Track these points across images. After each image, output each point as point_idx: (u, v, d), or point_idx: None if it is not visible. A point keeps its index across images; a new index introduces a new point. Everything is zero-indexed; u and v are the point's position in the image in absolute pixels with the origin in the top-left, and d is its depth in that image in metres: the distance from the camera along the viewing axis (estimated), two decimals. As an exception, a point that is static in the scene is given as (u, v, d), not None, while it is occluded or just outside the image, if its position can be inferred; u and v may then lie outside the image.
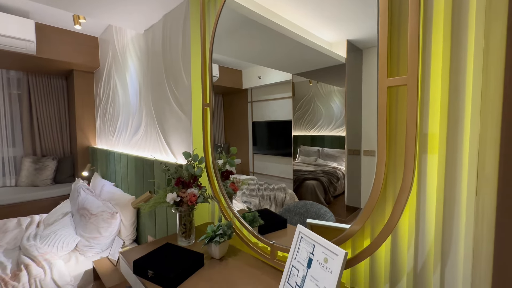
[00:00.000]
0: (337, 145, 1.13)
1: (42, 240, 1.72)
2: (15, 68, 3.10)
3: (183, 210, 1.17)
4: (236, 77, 1.63)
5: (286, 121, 1.37)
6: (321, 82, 1.18)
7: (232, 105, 1.73)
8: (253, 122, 1.62)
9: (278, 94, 1.43)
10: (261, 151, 1.61)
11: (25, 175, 3.16)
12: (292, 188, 1.36)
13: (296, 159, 1.34)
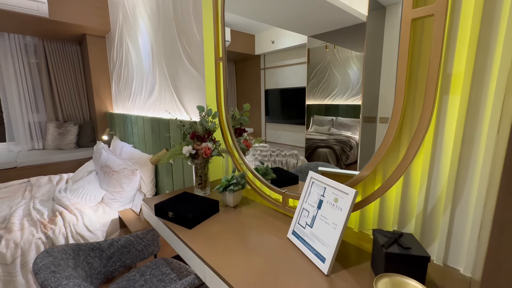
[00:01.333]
0: (352, 114, 1.10)
1: (72, 193, 1.89)
2: (30, 33, 3.12)
3: (199, 162, 1.23)
4: (248, 42, 1.56)
5: (299, 88, 1.33)
6: (338, 46, 1.11)
7: (245, 73, 1.68)
8: (265, 90, 1.59)
9: (292, 59, 1.37)
10: (274, 120, 1.60)
11: (51, 139, 3.36)
12: (304, 156, 1.37)
13: (309, 129, 1.33)
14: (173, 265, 1.16)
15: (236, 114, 1.34)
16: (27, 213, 1.69)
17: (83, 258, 0.92)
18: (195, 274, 0.84)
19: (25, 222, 1.57)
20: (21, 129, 3.30)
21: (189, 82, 1.56)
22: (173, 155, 1.21)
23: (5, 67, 3.15)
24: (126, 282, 1.05)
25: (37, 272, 0.69)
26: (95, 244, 1.00)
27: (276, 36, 1.44)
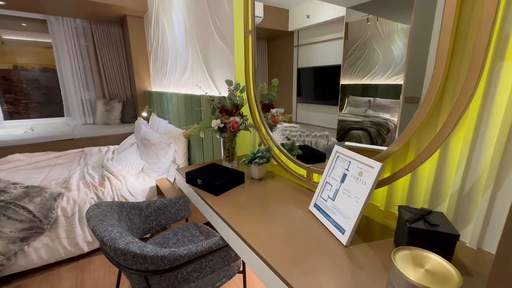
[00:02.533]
0: (392, 95, 1.00)
1: (117, 162, 2.11)
2: (79, 15, 3.39)
3: (227, 136, 1.27)
4: (281, 18, 1.49)
5: (334, 66, 1.25)
6: (382, 18, 1.00)
7: (276, 51, 1.63)
8: (298, 69, 1.53)
9: (328, 35, 1.28)
10: (306, 100, 1.54)
11: (99, 115, 3.73)
12: (336, 137, 1.32)
13: (342, 110, 1.26)
14: (202, 229, 1.27)
15: (264, 89, 1.34)
16: (82, 176, 1.95)
17: (126, 214, 1.05)
18: (220, 236, 0.91)
19: (80, 184, 1.81)
20: (75, 106, 3.71)
21: (219, 58, 1.58)
22: (203, 128, 1.27)
23: (61, 50, 3.50)
24: (161, 239, 1.17)
25: (89, 219, 0.81)
26: (135, 203, 1.13)
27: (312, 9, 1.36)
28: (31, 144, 2.91)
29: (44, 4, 2.89)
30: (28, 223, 1.45)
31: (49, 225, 1.51)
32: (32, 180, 1.90)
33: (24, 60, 3.55)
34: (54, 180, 1.89)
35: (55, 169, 2.15)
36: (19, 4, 2.91)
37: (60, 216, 1.56)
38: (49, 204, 1.53)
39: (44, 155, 2.50)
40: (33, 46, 3.57)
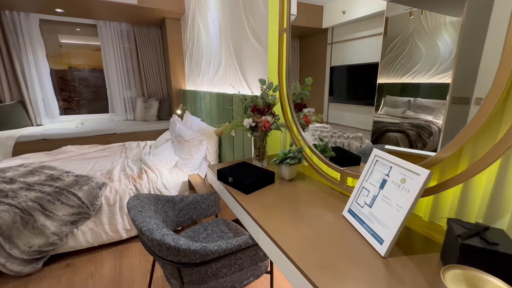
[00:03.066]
0: (436, 94, 0.91)
1: (153, 156, 2.25)
2: (124, 20, 3.66)
3: (258, 135, 1.27)
4: (315, 15, 1.44)
5: (370, 64, 1.17)
6: (428, 11, 0.91)
7: (309, 49, 1.58)
8: (331, 67, 1.47)
9: (365, 31, 1.20)
10: (338, 100, 1.47)
11: (139, 112, 4.01)
12: (370, 140, 1.24)
13: (378, 111, 1.18)
14: (231, 226, 1.29)
15: (297, 89, 1.31)
16: (123, 168, 2.11)
17: (161, 207, 1.10)
18: (249, 235, 0.91)
19: (121, 175, 1.96)
20: (118, 103, 4.03)
21: (252, 57, 1.59)
22: (234, 126, 1.28)
23: (108, 51, 3.83)
24: (192, 233, 1.22)
25: (129, 209, 0.87)
26: (170, 197, 1.18)
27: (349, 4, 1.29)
28: (80, 137, 3.23)
29: (95, 10, 3.18)
30: (77, 208, 1.61)
31: (94, 211, 1.66)
32: (81, 169, 2.11)
33: (77, 62, 3.94)
34: (99, 171, 2.07)
35: (100, 161, 2.36)
36: (74, 12, 3.25)
37: (104, 204, 1.71)
38: (95, 192, 1.68)
39: (91, 148, 2.76)
40: (85, 48, 3.95)
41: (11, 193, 1.60)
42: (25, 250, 1.47)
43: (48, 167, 2.03)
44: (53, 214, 1.55)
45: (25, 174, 1.89)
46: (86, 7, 3.01)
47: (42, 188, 1.67)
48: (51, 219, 1.55)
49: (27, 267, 1.49)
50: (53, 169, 1.99)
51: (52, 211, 1.55)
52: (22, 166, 2.06)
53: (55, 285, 1.48)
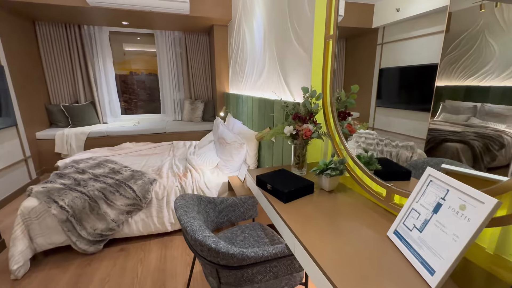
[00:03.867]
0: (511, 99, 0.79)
1: (197, 157, 2.40)
2: (177, 29, 3.99)
3: (298, 143, 1.26)
4: (365, 14, 1.36)
5: (427, 65, 1.06)
6: (505, 3, 0.79)
7: (356, 51, 1.50)
8: (380, 69, 1.37)
9: (422, 29, 1.09)
10: (387, 104, 1.37)
11: (186, 113, 4.31)
12: (424, 149, 1.12)
13: (435, 117, 1.06)
14: (267, 231, 1.30)
15: (342, 96, 1.26)
16: (170, 166, 2.30)
17: (203, 207, 1.18)
18: (285, 244, 0.92)
19: (169, 173, 2.15)
20: (169, 104, 4.39)
21: (295, 63, 1.58)
22: (275, 133, 1.30)
23: (162, 57, 4.21)
24: (230, 234, 1.27)
25: (176, 208, 0.95)
26: (211, 198, 1.25)
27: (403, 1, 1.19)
28: (136, 135, 3.62)
29: (154, 22, 3.54)
30: (132, 200, 1.81)
31: (145, 204, 1.85)
32: (136, 165, 2.36)
33: (136, 67, 4.43)
34: (150, 167, 2.30)
35: (152, 158, 2.61)
36: (137, 23, 3.66)
37: (153, 198, 1.89)
38: (146, 187, 1.87)
39: (145, 145, 3.07)
40: (143, 55, 4.41)
41: (82, 182, 1.88)
42: (90, 232, 1.71)
43: (110, 161, 2.33)
44: (113, 203, 1.77)
45: (93, 166, 2.21)
46: (146, 19, 3.37)
47: (105, 179, 1.92)
48: (111, 208, 1.77)
49: (91, 247, 1.73)
50: (114, 163, 2.27)
51: (113, 200, 1.78)
52: (91, 159, 2.40)
53: (111, 266, 1.69)
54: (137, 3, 2.79)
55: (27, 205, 1.64)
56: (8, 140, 2.72)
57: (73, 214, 1.67)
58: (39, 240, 1.66)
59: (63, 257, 1.76)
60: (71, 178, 1.94)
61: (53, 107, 3.66)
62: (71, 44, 3.69)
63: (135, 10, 2.91)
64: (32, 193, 1.71)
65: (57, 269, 1.66)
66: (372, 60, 1.38)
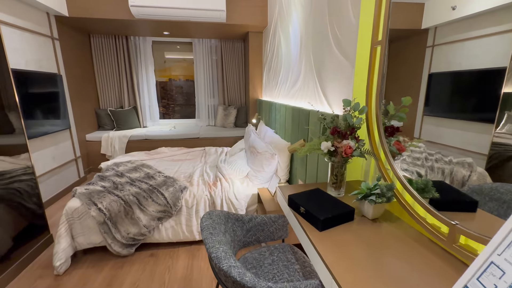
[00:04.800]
0: None
1: (228, 165, 2.37)
2: (214, 37, 4.09)
3: (336, 160, 1.13)
4: (412, 14, 1.19)
5: (492, 70, 0.87)
6: None
7: (400, 54, 1.31)
8: (430, 74, 1.18)
9: (484, 29, 0.90)
10: (437, 112, 1.17)
11: (219, 119, 4.37)
12: (485, 167, 0.92)
13: (499, 128, 0.86)
14: (298, 255, 1.19)
15: (390, 110, 1.11)
16: (201, 173, 2.31)
17: (230, 225, 1.11)
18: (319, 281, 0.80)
19: (200, 180, 2.15)
20: (203, 110, 4.51)
21: (335, 72, 1.45)
22: (310, 149, 1.19)
23: (199, 64, 4.35)
24: (257, 255, 1.19)
25: (202, 229, 0.90)
26: (239, 215, 1.18)
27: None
28: (172, 139, 3.76)
29: (192, 31, 3.68)
30: (163, 206, 1.84)
31: (175, 212, 1.86)
32: (169, 170, 2.42)
33: (175, 74, 4.65)
34: (182, 174, 2.33)
35: (184, 164, 2.66)
36: (177, 33, 3.84)
37: (183, 206, 1.90)
38: (177, 194, 1.89)
39: (178, 150, 3.17)
40: (182, 62, 4.61)
41: (120, 186, 1.97)
42: (124, 236, 1.77)
43: (146, 165, 2.43)
44: (145, 209, 1.82)
45: (130, 170, 2.31)
46: (185, 29, 3.50)
47: (140, 184, 1.99)
48: (144, 213, 1.82)
49: (124, 250, 1.79)
50: (149, 168, 2.36)
51: (145, 206, 1.83)
52: (130, 162, 2.53)
53: (141, 271, 1.72)
54: (176, 14, 2.90)
55: (71, 205, 1.77)
56: (62, 141, 3.02)
57: (109, 217, 1.74)
58: (79, 239, 1.76)
59: (99, 257, 1.85)
60: (110, 181, 2.05)
61: (102, 111, 3.99)
62: (119, 53, 4.01)
63: (174, 20, 3.04)
64: (76, 194, 1.84)
65: (93, 268, 1.75)
66: (419, 64, 1.20)
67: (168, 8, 2.81)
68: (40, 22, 2.70)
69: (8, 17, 2.27)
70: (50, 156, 2.77)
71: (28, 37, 2.50)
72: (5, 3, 2.24)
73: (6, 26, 2.24)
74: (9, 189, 1.89)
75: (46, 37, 2.78)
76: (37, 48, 2.62)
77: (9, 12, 2.29)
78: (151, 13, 2.86)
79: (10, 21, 2.28)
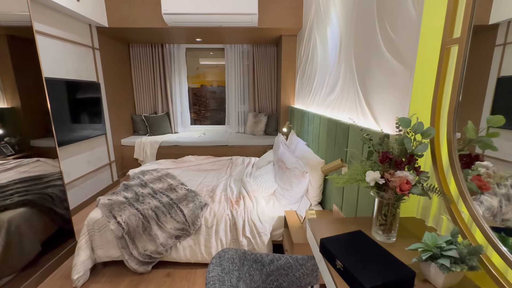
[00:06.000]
0: None
1: (253, 179, 2.18)
2: (245, 42, 3.98)
3: (387, 197, 0.86)
4: (477, 7, 0.88)
5: None
6: None
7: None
8: (499, 78, 0.85)
9: None
10: (508, 125, 0.84)
11: (249, 126, 4.23)
12: None
13: None
14: (331, 314, 0.93)
15: (469, 133, 0.80)
16: (225, 188, 2.16)
17: (246, 269, 0.91)
18: None
19: (222, 196, 1.99)
20: (233, 116, 4.41)
21: (384, 79, 1.17)
22: (351, 179, 0.93)
23: (230, 70, 4.27)
24: (279, 306, 0.96)
25: (207, 283, 0.71)
26: (258, 256, 0.97)
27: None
28: (201, 146, 3.71)
29: (224, 37, 3.61)
30: (181, 224, 1.71)
31: (193, 231, 1.72)
32: (193, 182, 2.32)
33: (207, 80, 4.65)
34: (205, 187, 2.20)
35: (209, 175, 2.54)
36: (209, 39, 3.82)
37: (203, 225, 1.75)
38: (196, 212, 1.75)
39: (205, 159, 3.08)
40: (214, 68, 4.59)
41: (141, 198, 1.91)
42: (141, 252, 1.68)
43: (171, 175, 2.36)
44: (163, 225, 1.71)
45: (154, 180, 2.26)
46: (217, 34, 3.44)
47: (161, 197, 1.90)
48: (162, 230, 1.71)
49: (140, 267, 1.70)
50: (173, 179, 2.28)
51: (163, 223, 1.72)
52: (156, 170, 2.50)
53: (156, 293, 1.61)
54: (207, 20, 2.83)
55: (92, 216, 1.74)
56: (98, 146, 3.15)
57: (127, 231, 1.67)
58: (99, 252, 1.72)
59: (117, 271, 1.79)
60: (133, 191, 2.01)
61: (137, 117, 4.13)
62: (154, 61, 4.12)
63: (206, 27, 2.98)
64: (98, 204, 1.81)
65: (110, 283, 1.69)
66: (485, 67, 0.88)
67: (199, 15, 2.76)
68: (83, 33, 2.85)
69: (53, 30, 2.41)
70: (85, 161, 2.88)
71: (70, 47, 2.64)
72: (51, 17, 2.38)
73: (51, 38, 2.37)
74: (43, 194, 1.95)
75: (87, 47, 2.92)
76: (77, 58, 2.75)
77: (54, 25, 2.42)
78: (182, 20, 2.84)
79: (54, 33, 2.42)
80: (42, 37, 2.28)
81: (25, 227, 1.77)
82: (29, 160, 1.87)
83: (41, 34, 2.26)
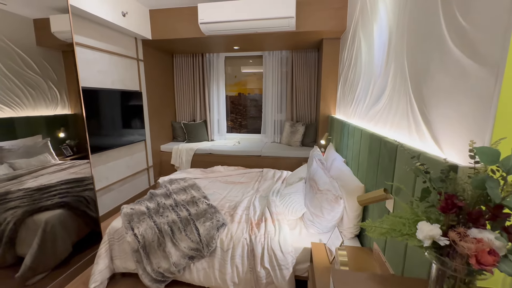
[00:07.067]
0: None
1: (280, 199, 1.94)
2: (284, 48, 3.80)
3: (452, 267, 0.55)
4: None
5: None
6: None
7: None
8: None
9: None
10: None
11: (285, 136, 3.99)
12: None
13: None
14: None
15: None
16: (248, 205, 1.97)
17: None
18: None
19: (243, 216, 1.81)
20: (269, 125, 4.23)
21: (451, 85, 0.84)
22: (391, 231, 0.64)
23: (268, 77, 4.13)
24: None
25: None
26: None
27: None
28: (233, 155, 3.62)
29: (262, 44, 3.50)
30: (196, 244, 1.58)
31: (208, 253, 1.57)
32: (217, 195, 2.19)
33: (245, 88, 4.59)
34: (228, 202, 2.05)
35: (235, 188, 2.39)
36: (247, 47, 3.75)
37: (218, 247, 1.59)
38: (212, 233, 1.59)
39: (234, 170, 2.95)
40: (252, 76, 4.52)
41: (161, 209, 1.85)
42: (154, 269, 1.60)
43: (196, 186, 2.28)
44: (178, 243, 1.60)
45: (179, 190, 2.21)
46: (254, 41, 3.35)
47: (181, 211, 1.81)
48: (175, 248, 1.60)
49: (153, 284, 1.61)
50: (197, 191, 2.19)
51: (178, 240, 1.61)
52: (183, 180, 2.46)
53: (163, 319, 1.49)
54: (242, 27, 2.74)
55: (114, 225, 1.73)
56: (138, 152, 3.31)
57: (143, 245, 1.61)
58: (117, 262, 1.70)
59: (134, 284, 1.74)
60: (156, 201, 1.97)
61: (176, 124, 4.29)
62: (195, 70, 4.24)
63: (241, 34, 2.90)
64: (121, 213, 1.81)
65: (124, 298, 1.64)
66: None
67: (233, 22, 2.69)
68: (128, 46, 3.05)
69: (101, 44, 2.61)
70: (125, 165, 3.03)
71: (117, 60, 2.83)
72: (100, 33, 2.59)
73: (99, 51, 2.57)
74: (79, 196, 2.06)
75: (132, 59, 3.12)
76: (123, 69, 2.94)
77: (103, 40, 2.63)
78: (218, 28, 2.81)
79: (102, 47, 2.61)
80: (91, 51, 2.47)
81: (60, 227, 1.86)
82: (81, 162, 2.02)
83: (90, 48, 2.45)
